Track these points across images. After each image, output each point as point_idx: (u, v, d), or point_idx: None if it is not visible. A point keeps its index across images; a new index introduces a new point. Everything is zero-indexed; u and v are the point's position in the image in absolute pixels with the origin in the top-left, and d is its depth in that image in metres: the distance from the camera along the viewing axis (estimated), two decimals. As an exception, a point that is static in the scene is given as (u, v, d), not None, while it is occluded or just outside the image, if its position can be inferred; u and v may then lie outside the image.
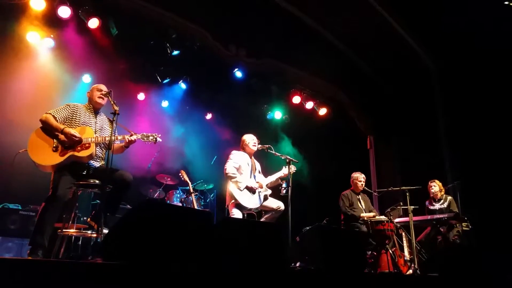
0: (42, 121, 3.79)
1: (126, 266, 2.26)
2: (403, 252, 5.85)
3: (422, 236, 6.27)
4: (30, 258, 3.37)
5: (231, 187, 4.97)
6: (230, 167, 5.08)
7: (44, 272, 2.08)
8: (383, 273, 5.25)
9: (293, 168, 5.06)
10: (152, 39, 7.01)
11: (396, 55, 7.58)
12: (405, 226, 5.81)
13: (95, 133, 3.93)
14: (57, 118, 3.83)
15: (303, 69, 7.94)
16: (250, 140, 5.38)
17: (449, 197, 6.45)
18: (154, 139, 4.02)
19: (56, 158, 3.68)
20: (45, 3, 5.68)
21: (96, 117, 4.09)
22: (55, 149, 3.71)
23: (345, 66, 7.90)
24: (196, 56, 7.34)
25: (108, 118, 4.18)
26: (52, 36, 6.25)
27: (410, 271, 5.25)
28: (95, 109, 4.13)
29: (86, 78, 7.12)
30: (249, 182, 5.07)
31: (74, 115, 3.94)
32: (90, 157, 3.82)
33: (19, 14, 5.84)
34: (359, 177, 6.41)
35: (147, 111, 8.02)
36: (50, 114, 3.82)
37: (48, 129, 3.77)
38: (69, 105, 4.00)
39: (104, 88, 4.12)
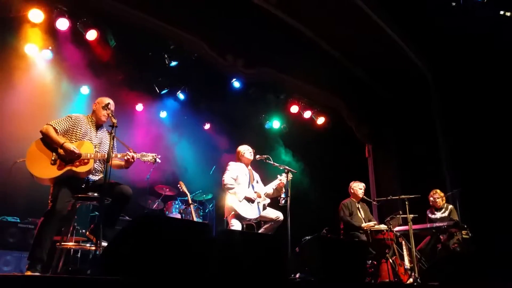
0: (42, 133, 3.75)
1: (125, 281, 2.25)
2: (403, 260, 5.82)
3: (422, 245, 6.25)
4: (28, 273, 3.34)
5: (229, 199, 4.97)
6: (228, 178, 5.08)
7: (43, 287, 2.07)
8: (383, 282, 5.22)
9: (290, 176, 5.07)
10: (150, 50, 7.05)
11: (393, 64, 7.60)
12: (405, 234, 5.79)
13: (95, 148, 3.89)
14: (58, 130, 3.78)
15: (300, 78, 7.97)
16: (245, 149, 5.40)
17: (450, 206, 6.44)
18: (154, 160, 3.97)
19: (54, 172, 3.64)
20: (43, 15, 5.73)
21: (97, 131, 4.05)
22: (54, 163, 3.67)
23: (342, 75, 7.93)
24: (194, 66, 7.39)
25: (108, 131, 4.10)
26: (50, 48, 6.28)
27: (411, 280, 5.21)
28: (97, 124, 4.07)
29: (85, 89, 7.15)
30: (247, 192, 5.06)
31: (75, 127, 3.89)
32: (88, 172, 3.79)
33: (18, 27, 5.88)
34: (359, 185, 6.42)
35: (145, 122, 8.04)
36: (51, 125, 3.77)
37: (48, 141, 3.73)
38: (70, 117, 3.94)
39: (112, 107, 4.02)
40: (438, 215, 6.45)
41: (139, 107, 7.93)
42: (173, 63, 7.18)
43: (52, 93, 6.53)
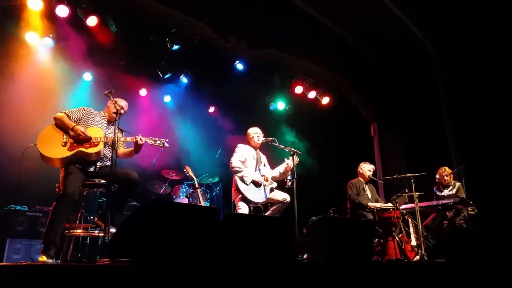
0: (56, 119, 3.87)
1: (134, 267, 2.28)
2: (410, 238, 5.86)
3: (428, 221, 6.27)
4: (43, 257, 3.41)
5: (237, 182, 4.98)
6: (236, 161, 5.08)
7: (54, 275, 2.11)
8: (390, 260, 5.26)
9: (296, 159, 5.05)
10: (152, 35, 6.97)
11: (397, 40, 7.49)
12: (411, 212, 5.80)
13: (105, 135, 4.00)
14: (71, 118, 3.92)
15: (304, 58, 7.88)
16: (254, 133, 5.37)
17: (458, 183, 6.43)
18: (162, 144, 4.08)
19: (64, 152, 3.74)
20: (42, 3, 5.66)
21: (108, 126, 4.17)
22: (64, 144, 3.78)
23: (346, 53, 7.82)
24: (197, 49, 7.31)
25: (119, 129, 4.15)
26: (51, 35, 6.23)
27: (417, 257, 5.25)
28: (109, 119, 4.19)
29: (87, 76, 7.13)
30: (254, 176, 5.07)
31: (88, 118, 4.03)
32: (98, 155, 3.88)
33: (17, 15, 5.83)
34: (368, 167, 6.43)
35: (149, 107, 8.03)
36: (65, 113, 3.91)
37: (60, 125, 3.86)
38: (84, 108, 4.09)
39: (125, 107, 4.20)
40: (446, 192, 6.44)
41: (143, 92, 7.90)
42: (175, 47, 7.12)
43: (55, 80, 6.51)
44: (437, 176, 6.50)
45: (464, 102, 6.99)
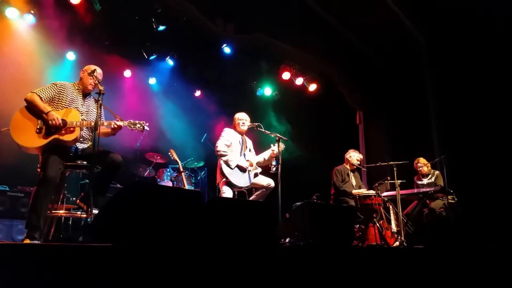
0: (27, 101, 3.64)
1: (117, 248, 2.27)
2: (390, 224, 5.98)
3: (409, 209, 6.41)
4: (27, 241, 3.35)
5: (222, 166, 4.98)
6: (221, 145, 5.07)
7: (36, 255, 2.09)
8: (370, 246, 5.37)
9: (282, 146, 5.06)
10: (137, 14, 6.83)
11: (387, 30, 7.49)
12: (393, 199, 5.92)
13: (81, 116, 3.81)
14: (43, 98, 3.67)
15: (292, 44, 7.84)
16: (241, 119, 5.34)
17: (437, 172, 6.59)
18: (142, 128, 3.91)
19: (39, 141, 3.58)
20: (22, -23, 5.49)
21: (84, 99, 3.95)
22: (39, 131, 3.60)
23: (335, 41, 7.80)
24: (183, 31, 7.20)
25: (94, 99, 4.00)
26: (32, 12, 6.05)
27: (397, 243, 5.37)
28: (84, 92, 3.96)
29: (70, 55, 6.97)
30: (239, 160, 5.07)
31: (61, 95, 3.78)
32: (75, 141, 3.73)
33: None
34: (356, 156, 6.47)
35: (134, 88, 7.91)
36: (35, 93, 3.66)
37: (33, 109, 3.63)
38: (55, 84, 3.82)
39: (99, 75, 3.91)
40: (425, 181, 6.59)
41: (127, 73, 7.77)
42: (161, 28, 6.99)
43: (36, 59, 6.32)
44: (415, 167, 6.66)
45: (450, 93, 7.07)
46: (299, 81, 8.50)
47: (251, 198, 5.21)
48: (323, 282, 2.85)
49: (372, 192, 5.83)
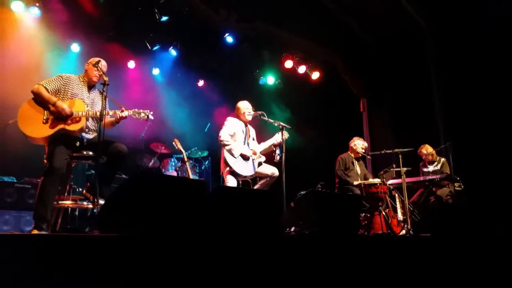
0: (33, 93, 3.71)
1: (123, 238, 2.30)
2: (396, 213, 5.97)
3: (415, 197, 6.38)
4: (35, 232, 3.39)
5: (225, 155, 4.98)
6: (224, 135, 5.07)
7: (44, 246, 2.11)
8: (376, 234, 5.37)
9: (286, 135, 5.04)
10: (140, 5, 6.81)
11: (390, 17, 7.40)
12: (398, 187, 5.90)
13: (87, 107, 3.86)
14: (49, 90, 3.74)
15: (294, 32, 7.78)
16: (245, 109, 5.31)
17: (442, 159, 6.54)
18: (146, 116, 3.95)
19: (46, 131, 3.64)
20: (27, -29, 5.48)
21: (89, 91, 4.00)
22: (46, 121, 3.67)
23: (336, 28, 7.72)
24: (186, 21, 7.18)
25: (99, 91, 4.02)
26: (37, 4, 6.08)
27: (403, 232, 5.37)
28: (89, 84, 4.01)
29: (75, 47, 6.98)
30: (243, 149, 5.07)
31: (67, 87, 3.84)
32: (81, 130, 3.79)
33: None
34: (361, 144, 6.41)
35: (138, 79, 7.92)
36: (42, 85, 3.72)
37: (39, 100, 3.70)
38: (61, 76, 3.87)
39: (103, 67, 3.95)
40: (431, 168, 6.56)
41: (131, 64, 7.76)
42: (164, 18, 6.97)
43: (42, 51, 6.37)
44: (419, 154, 6.61)
45: (454, 78, 6.99)
46: (301, 69, 8.45)
47: (255, 187, 5.22)
48: (328, 271, 2.87)
49: (377, 180, 5.81)
